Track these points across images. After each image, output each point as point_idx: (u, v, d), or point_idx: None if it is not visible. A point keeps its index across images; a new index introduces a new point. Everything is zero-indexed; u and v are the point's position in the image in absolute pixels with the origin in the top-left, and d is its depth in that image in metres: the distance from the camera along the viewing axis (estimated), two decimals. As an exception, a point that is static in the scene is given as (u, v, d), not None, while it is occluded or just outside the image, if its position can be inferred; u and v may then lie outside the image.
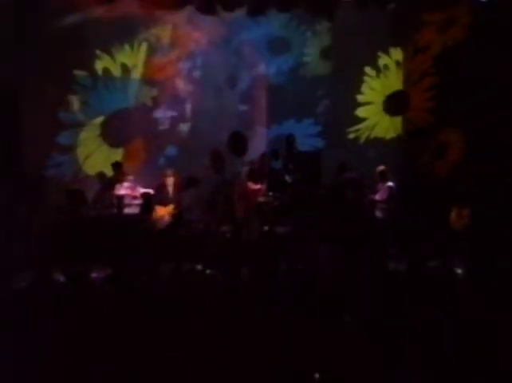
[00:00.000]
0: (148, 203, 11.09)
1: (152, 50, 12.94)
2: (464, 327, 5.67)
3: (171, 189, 11.09)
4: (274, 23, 13.13)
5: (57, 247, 10.74)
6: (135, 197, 11.86)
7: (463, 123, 13.64)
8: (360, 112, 13.78)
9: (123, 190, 11.73)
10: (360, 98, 13.74)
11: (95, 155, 12.89)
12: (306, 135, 13.43)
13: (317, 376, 5.50)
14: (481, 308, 5.80)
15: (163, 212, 10.99)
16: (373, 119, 13.84)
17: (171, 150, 13.13)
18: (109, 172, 12.29)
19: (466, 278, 6.33)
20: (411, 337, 5.60)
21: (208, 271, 7.19)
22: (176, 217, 11.04)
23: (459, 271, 6.72)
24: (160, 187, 11.33)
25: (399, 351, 5.53)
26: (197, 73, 13.14)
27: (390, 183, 10.98)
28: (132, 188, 11.92)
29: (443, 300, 5.93)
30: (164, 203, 11.04)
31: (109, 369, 5.53)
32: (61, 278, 6.71)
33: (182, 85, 13.12)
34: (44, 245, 11.17)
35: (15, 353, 5.65)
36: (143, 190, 11.95)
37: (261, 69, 13.39)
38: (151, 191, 11.81)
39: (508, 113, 12.74)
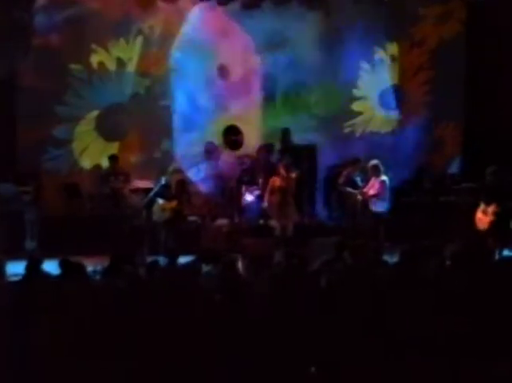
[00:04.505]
0: (149, 197, 11.08)
1: (147, 43, 12.91)
2: (461, 323, 5.68)
3: (174, 185, 11.08)
4: (269, 15, 13.09)
5: (53, 240, 10.77)
6: (132, 190, 11.86)
7: (460, 117, 13.73)
8: (356, 106, 13.78)
9: (120, 183, 11.72)
10: (355, 92, 13.74)
11: (90, 149, 12.88)
12: (301, 128, 13.40)
13: (313, 369, 5.51)
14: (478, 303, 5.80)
15: (167, 207, 10.98)
16: (368, 113, 13.85)
17: (166, 143, 13.12)
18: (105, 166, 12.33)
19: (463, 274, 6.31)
20: (408, 334, 5.61)
21: (204, 266, 7.16)
22: (177, 213, 11.03)
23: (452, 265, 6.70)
24: (166, 183, 11.30)
25: (396, 347, 5.55)
26: (191, 65, 13.10)
27: (383, 177, 10.96)
28: (128, 181, 11.91)
29: (437, 294, 5.92)
30: (169, 199, 11.04)
31: (106, 366, 5.53)
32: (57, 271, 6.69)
33: (176, 78, 13.09)
34: (39, 237, 11.22)
35: (9, 352, 5.64)
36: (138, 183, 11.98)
37: (256, 61, 13.36)
38: (149, 184, 11.80)
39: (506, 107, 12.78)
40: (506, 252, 10.20)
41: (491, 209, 10.36)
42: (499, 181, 10.45)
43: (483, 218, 10.45)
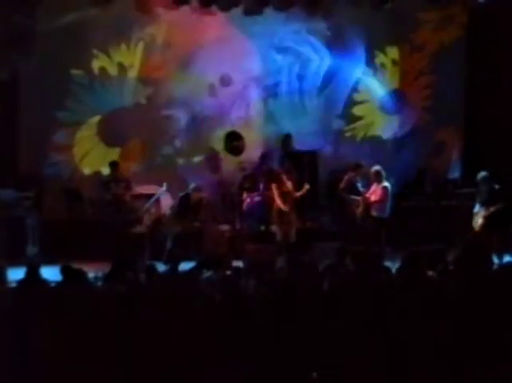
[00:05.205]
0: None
1: (149, 49, 12.93)
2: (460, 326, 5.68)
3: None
4: (270, 21, 13.09)
5: (55, 245, 10.77)
6: (134, 196, 11.86)
7: (461, 121, 13.73)
8: (356, 110, 13.78)
9: (121, 189, 11.73)
10: (356, 97, 13.74)
11: (91, 155, 12.89)
12: (302, 133, 13.41)
13: (314, 375, 5.52)
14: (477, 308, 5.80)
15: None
16: (369, 117, 13.85)
17: (167, 149, 13.14)
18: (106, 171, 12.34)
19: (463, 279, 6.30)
20: (410, 339, 5.61)
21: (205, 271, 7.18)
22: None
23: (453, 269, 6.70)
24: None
25: (398, 352, 5.55)
26: (193, 72, 13.13)
27: (385, 183, 10.96)
28: (129, 188, 11.91)
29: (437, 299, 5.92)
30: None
31: (107, 372, 5.53)
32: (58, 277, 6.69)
33: (178, 84, 13.10)
34: (40, 243, 11.22)
35: (9, 358, 5.64)
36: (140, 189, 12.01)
37: (256, 67, 13.37)
38: (150, 190, 11.81)
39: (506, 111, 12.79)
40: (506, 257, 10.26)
41: (482, 212, 10.65)
42: (490, 186, 10.66)
43: (478, 220, 10.73)
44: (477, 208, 10.81)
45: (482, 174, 10.77)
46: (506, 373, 5.48)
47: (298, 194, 11.12)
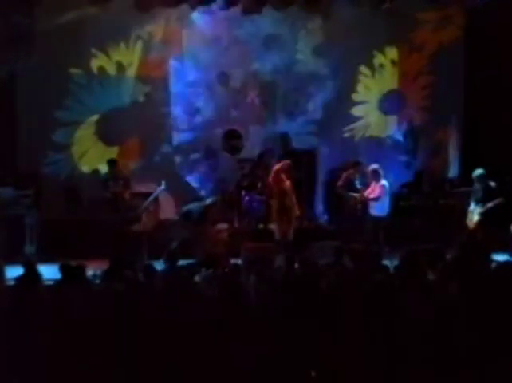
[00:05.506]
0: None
1: (147, 48, 12.93)
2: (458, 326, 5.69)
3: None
4: (268, 20, 13.09)
5: (53, 244, 10.78)
6: (133, 194, 11.84)
7: (459, 121, 13.74)
8: (356, 110, 13.78)
9: (120, 188, 11.71)
10: (355, 97, 13.74)
11: (90, 154, 12.90)
12: (300, 133, 13.42)
13: (313, 374, 5.53)
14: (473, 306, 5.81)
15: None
16: (368, 117, 13.84)
17: (166, 147, 13.14)
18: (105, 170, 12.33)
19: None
20: (408, 338, 5.62)
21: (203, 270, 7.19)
22: None
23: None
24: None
25: (396, 351, 5.56)
26: (190, 71, 13.14)
27: (383, 182, 10.97)
28: (128, 186, 11.90)
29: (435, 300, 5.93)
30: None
31: (105, 370, 5.53)
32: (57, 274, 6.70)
33: (176, 83, 13.11)
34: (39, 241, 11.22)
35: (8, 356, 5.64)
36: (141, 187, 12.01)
37: (255, 66, 13.37)
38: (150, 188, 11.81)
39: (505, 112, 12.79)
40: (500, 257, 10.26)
41: (478, 209, 10.63)
42: (486, 183, 10.62)
43: (472, 218, 10.72)
44: (472, 206, 10.79)
45: (478, 171, 10.74)
46: (505, 372, 5.50)
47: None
